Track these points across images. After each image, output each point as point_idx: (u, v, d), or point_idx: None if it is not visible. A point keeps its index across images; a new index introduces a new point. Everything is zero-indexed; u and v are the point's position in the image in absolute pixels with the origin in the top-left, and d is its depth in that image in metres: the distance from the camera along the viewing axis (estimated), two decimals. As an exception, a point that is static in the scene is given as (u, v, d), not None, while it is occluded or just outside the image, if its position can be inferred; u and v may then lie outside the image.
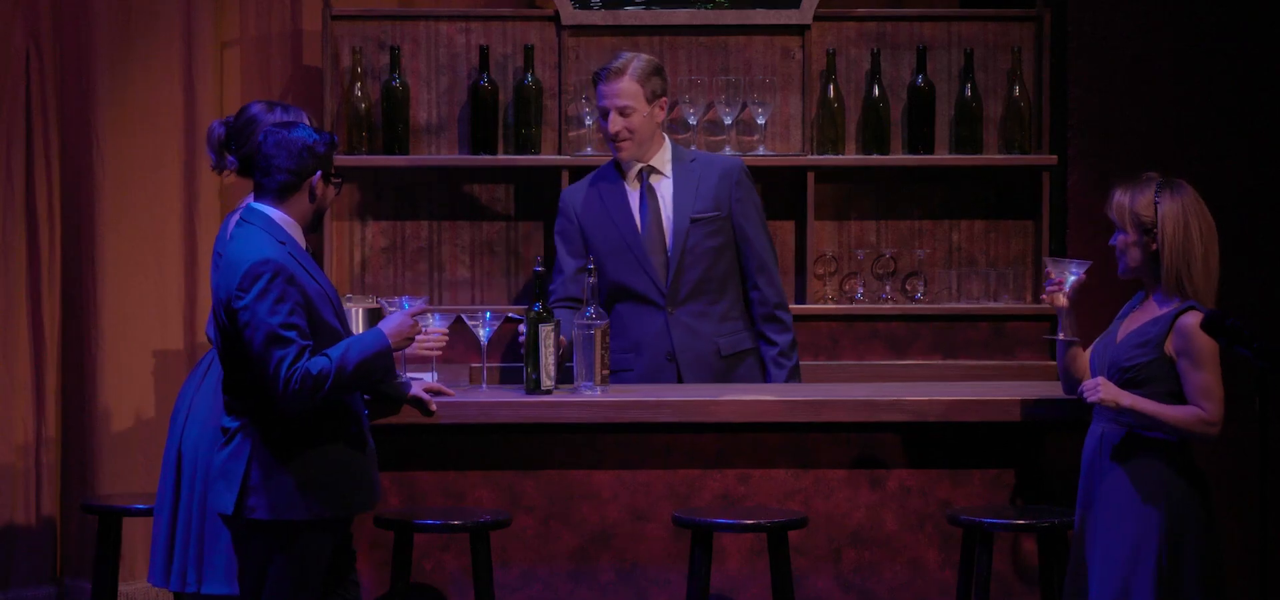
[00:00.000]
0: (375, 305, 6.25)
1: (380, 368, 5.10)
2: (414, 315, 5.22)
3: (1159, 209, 5.17)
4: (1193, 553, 5.13)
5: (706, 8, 7.09)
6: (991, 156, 7.11)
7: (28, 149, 7.07)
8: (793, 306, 7.04)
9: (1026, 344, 7.06)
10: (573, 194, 6.29)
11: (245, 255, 4.96)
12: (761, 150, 7.05)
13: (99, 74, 7.07)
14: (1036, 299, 7.13)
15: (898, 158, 7.09)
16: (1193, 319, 5.11)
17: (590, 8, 7.07)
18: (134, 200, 7.13)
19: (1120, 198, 5.24)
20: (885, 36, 7.15)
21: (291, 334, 4.93)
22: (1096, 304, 6.29)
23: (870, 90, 7.10)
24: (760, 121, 7.02)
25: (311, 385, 4.93)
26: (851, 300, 7.09)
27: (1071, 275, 5.55)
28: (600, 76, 6.17)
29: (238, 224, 5.09)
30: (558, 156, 7.02)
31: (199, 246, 7.13)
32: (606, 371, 5.77)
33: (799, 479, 5.77)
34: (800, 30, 7.10)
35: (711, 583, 5.61)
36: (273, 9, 7.21)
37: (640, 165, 6.22)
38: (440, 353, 5.76)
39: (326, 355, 4.98)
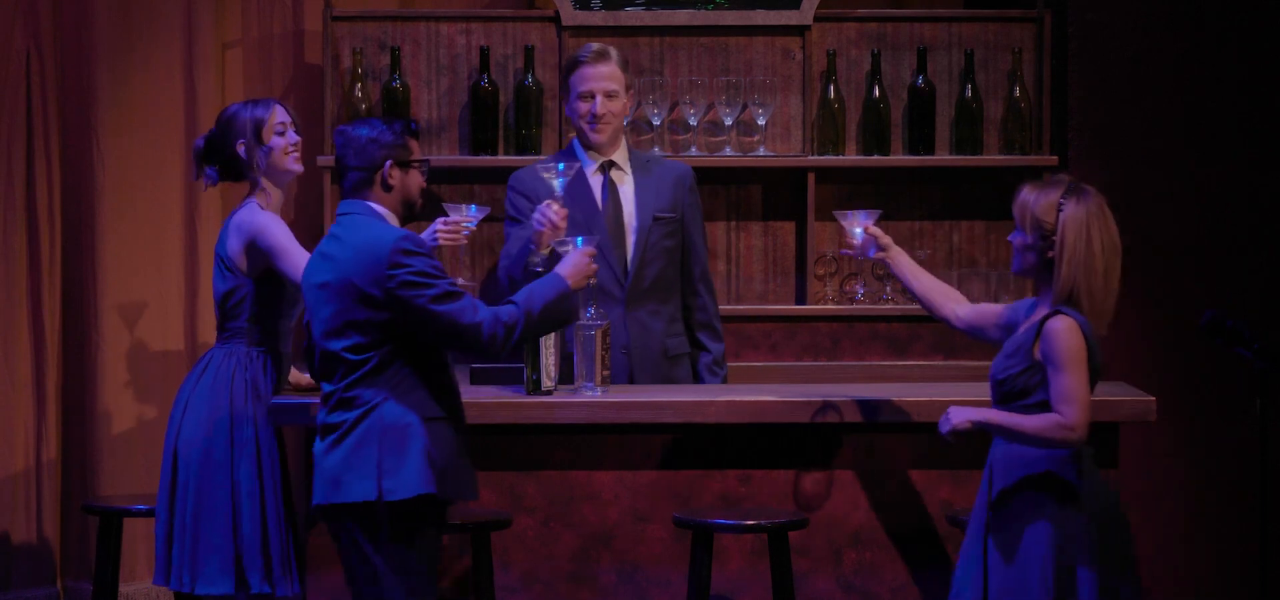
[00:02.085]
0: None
1: (565, 309, 5.16)
2: (589, 254, 5.28)
3: (1060, 215, 4.93)
4: (1086, 574, 4.92)
5: (706, 8, 7.10)
6: (992, 157, 7.12)
7: (28, 149, 7.07)
8: (793, 307, 7.05)
9: (1027, 344, 7.06)
10: (529, 177, 6.20)
11: (381, 237, 5.00)
12: (762, 151, 7.06)
13: (99, 74, 7.07)
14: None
15: (898, 159, 7.09)
16: (1059, 322, 4.89)
17: (590, 9, 7.08)
18: (134, 200, 7.13)
19: (1025, 196, 5.00)
20: (885, 37, 7.15)
21: (458, 288, 5.02)
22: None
23: (870, 91, 7.10)
24: (761, 122, 7.02)
25: (504, 331, 5.01)
26: (852, 301, 7.09)
27: (859, 226, 5.54)
28: (582, 59, 6.15)
29: (341, 218, 5.10)
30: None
31: (200, 247, 7.13)
32: (607, 372, 5.77)
33: (799, 480, 5.77)
34: (800, 31, 7.10)
35: (712, 584, 5.61)
36: (274, 9, 7.21)
37: (603, 158, 6.22)
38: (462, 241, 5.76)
39: (513, 301, 5.07)
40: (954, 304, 5.44)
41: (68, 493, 7.13)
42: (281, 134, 5.76)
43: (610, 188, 6.21)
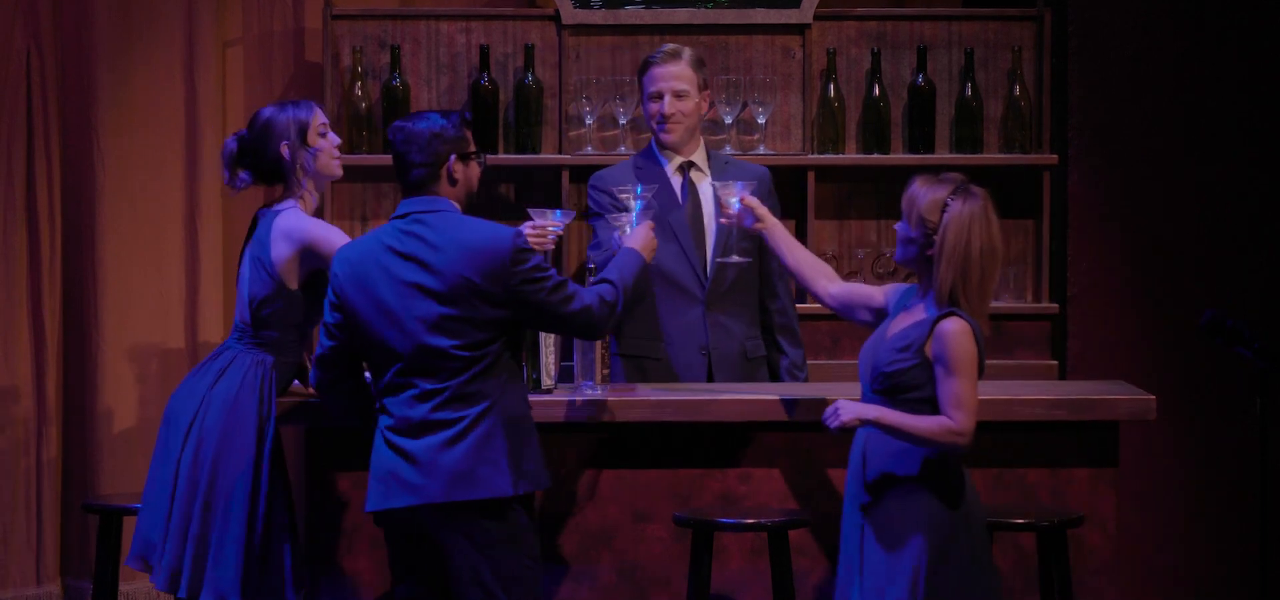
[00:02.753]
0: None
1: (645, 280, 5.40)
2: (650, 227, 5.47)
3: (944, 215, 4.94)
4: (955, 575, 4.93)
5: (707, 7, 7.09)
6: (992, 156, 7.12)
7: (28, 149, 7.07)
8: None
9: (1026, 343, 7.06)
10: (614, 175, 6.22)
11: (494, 235, 5.06)
12: (762, 150, 7.06)
13: (99, 74, 7.07)
14: (1037, 299, 7.14)
15: (898, 157, 7.09)
16: (953, 325, 4.90)
17: (590, 7, 7.07)
18: (134, 200, 7.12)
19: (914, 190, 5.01)
20: (885, 36, 7.15)
21: (563, 277, 5.16)
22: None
23: (870, 89, 7.10)
24: (761, 121, 7.02)
25: (608, 309, 5.21)
26: (852, 300, 7.08)
27: (734, 196, 5.57)
28: (653, 60, 6.17)
29: (420, 218, 5.08)
30: (558, 156, 7.02)
31: (200, 246, 7.12)
32: (606, 371, 5.77)
33: (800, 478, 5.77)
34: (800, 29, 7.10)
35: (712, 583, 5.60)
36: (274, 8, 7.21)
37: (681, 159, 6.21)
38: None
39: (607, 280, 5.24)
40: (826, 281, 5.48)
41: (68, 492, 7.13)
42: (323, 136, 5.69)
43: (690, 188, 6.20)
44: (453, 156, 5.15)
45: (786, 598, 5.49)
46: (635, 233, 5.47)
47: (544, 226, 5.63)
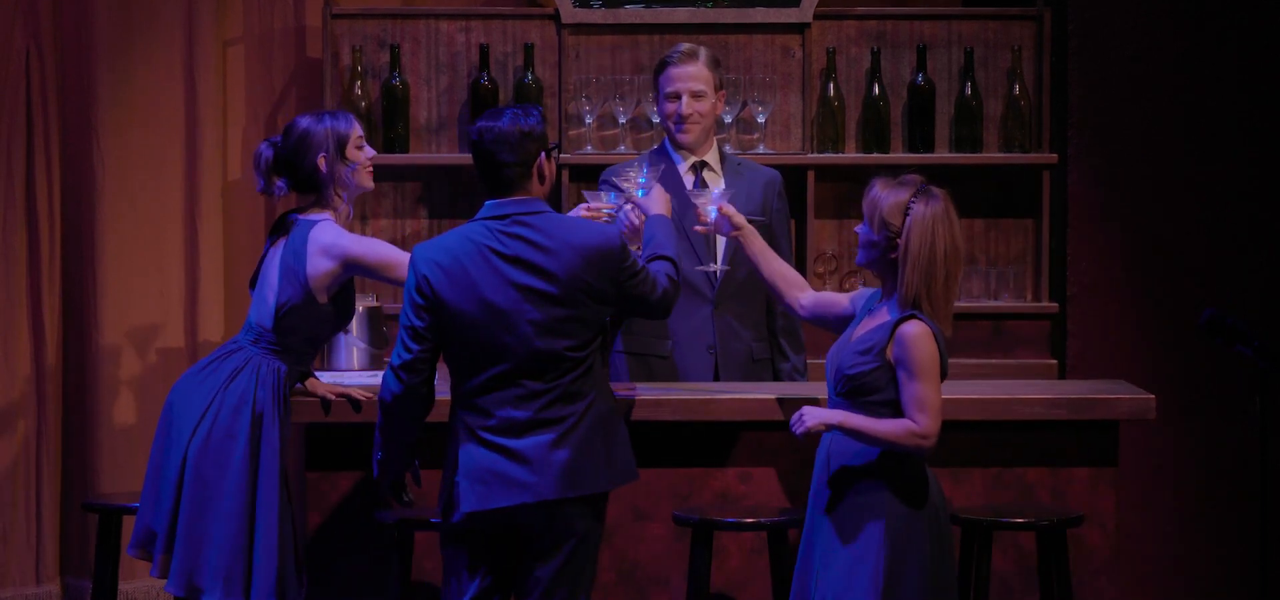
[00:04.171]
0: (375, 304, 6.24)
1: (677, 241, 5.38)
2: (659, 186, 5.50)
3: (908, 218, 4.91)
4: (914, 573, 4.92)
5: (707, 6, 7.09)
6: (992, 155, 7.12)
7: (28, 149, 7.07)
8: (793, 305, 7.05)
9: (1026, 343, 7.06)
10: (621, 172, 6.21)
11: (602, 235, 5.06)
12: (761, 149, 7.06)
13: (99, 73, 7.07)
14: (1037, 299, 7.14)
15: (898, 156, 7.09)
16: (913, 328, 4.88)
17: (590, 6, 7.07)
18: (134, 200, 7.12)
19: (876, 193, 4.97)
20: (885, 35, 7.15)
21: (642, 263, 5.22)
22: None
23: (870, 89, 7.10)
24: (760, 120, 7.02)
25: (673, 284, 5.21)
26: (852, 299, 7.08)
27: (712, 205, 5.57)
28: (670, 60, 6.14)
29: (521, 219, 5.04)
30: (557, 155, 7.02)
31: (200, 245, 7.12)
32: (605, 369, 5.77)
33: (800, 478, 5.77)
34: (800, 29, 7.10)
35: (712, 582, 5.60)
36: (274, 6, 7.21)
37: (695, 158, 6.20)
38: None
39: (660, 256, 5.25)
40: (797, 291, 5.48)
41: (68, 490, 7.13)
42: (361, 149, 5.65)
43: (703, 186, 6.19)
44: (542, 154, 5.09)
45: (785, 597, 5.49)
46: (652, 198, 5.44)
47: (598, 209, 5.61)
